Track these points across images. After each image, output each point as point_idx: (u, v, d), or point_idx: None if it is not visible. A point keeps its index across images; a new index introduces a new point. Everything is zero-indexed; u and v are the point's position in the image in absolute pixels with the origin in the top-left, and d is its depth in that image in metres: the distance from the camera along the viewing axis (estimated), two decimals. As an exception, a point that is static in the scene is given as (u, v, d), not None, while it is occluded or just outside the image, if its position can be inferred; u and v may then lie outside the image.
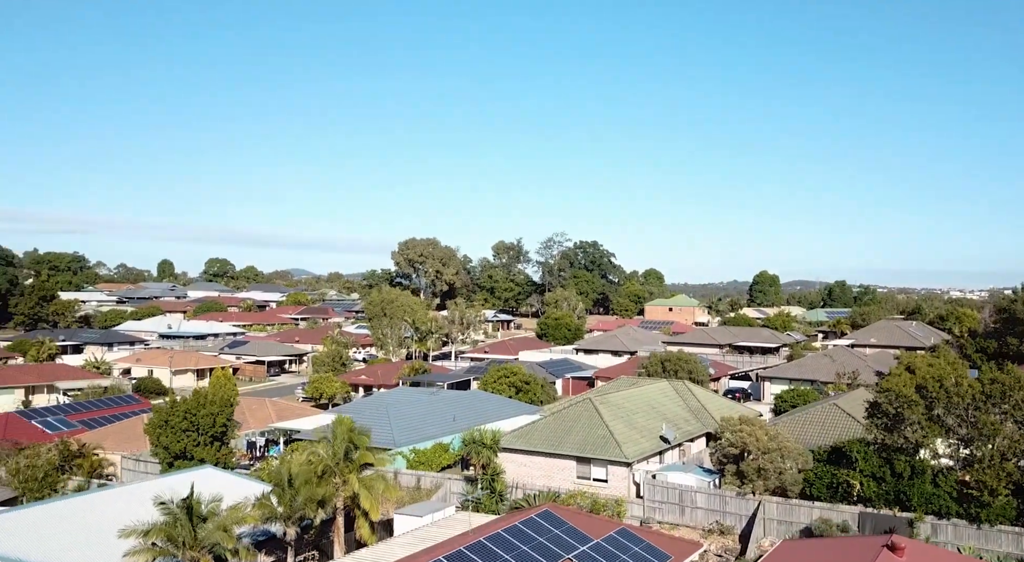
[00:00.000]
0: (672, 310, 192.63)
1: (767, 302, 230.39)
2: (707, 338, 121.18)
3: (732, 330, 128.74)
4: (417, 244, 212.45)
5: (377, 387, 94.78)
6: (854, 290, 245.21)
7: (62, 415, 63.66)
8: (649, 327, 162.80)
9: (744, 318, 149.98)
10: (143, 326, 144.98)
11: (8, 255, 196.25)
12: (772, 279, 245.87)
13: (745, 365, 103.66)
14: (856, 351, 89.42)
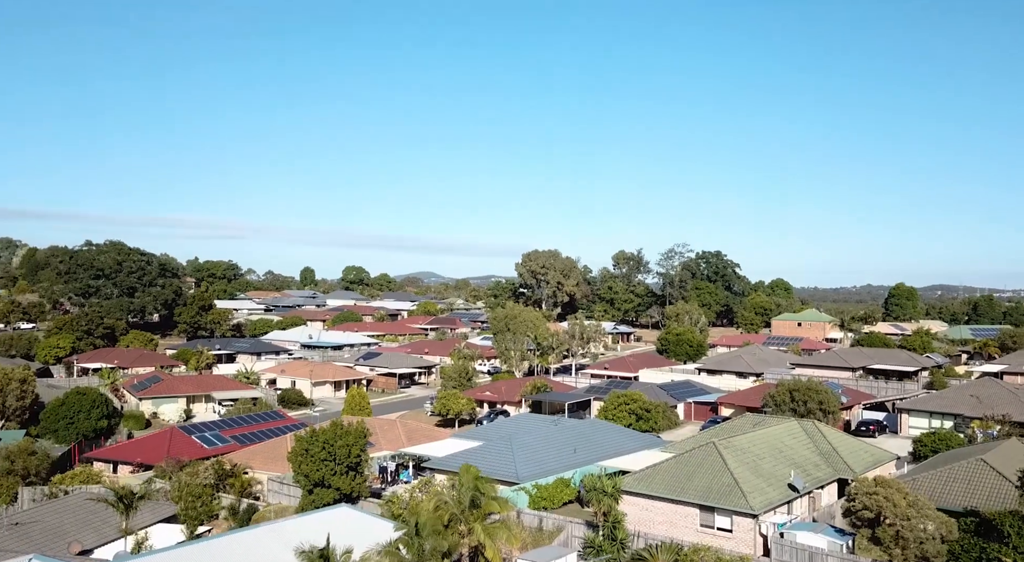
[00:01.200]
0: (801, 325, 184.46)
1: (904, 316, 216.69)
2: (838, 360, 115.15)
3: (866, 351, 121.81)
4: (539, 256, 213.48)
5: (501, 404, 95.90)
6: (1004, 304, 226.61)
7: (217, 430, 67.87)
8: (776, 343, 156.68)
9: (879, 336, 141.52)
10: (287, 336, 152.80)
11: (175, 266, 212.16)
12: (909, 292, 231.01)
13: (880, 391, 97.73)
14: (1006, 383, 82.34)
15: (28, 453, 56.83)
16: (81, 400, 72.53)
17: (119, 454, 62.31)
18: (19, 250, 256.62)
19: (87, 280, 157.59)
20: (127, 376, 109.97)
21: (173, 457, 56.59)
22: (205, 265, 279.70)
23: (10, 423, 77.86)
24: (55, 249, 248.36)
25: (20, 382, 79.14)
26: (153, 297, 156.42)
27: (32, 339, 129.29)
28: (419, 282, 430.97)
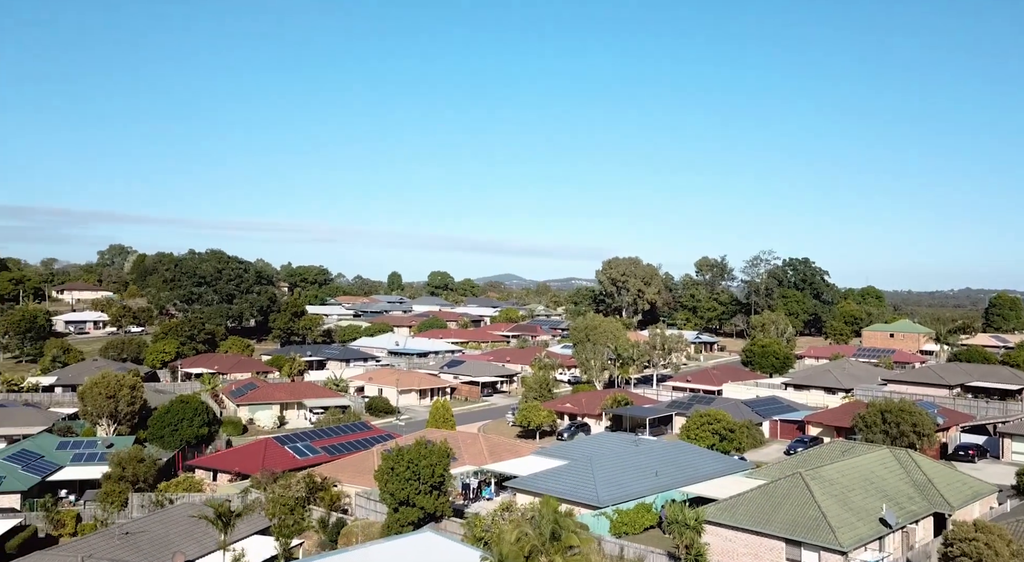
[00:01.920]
0: (893, 336, 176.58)
1: (1007, 327, 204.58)
2: (933, 377, 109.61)
3: (964, 367, 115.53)
4: (620, 263, 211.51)
5: (581, 416, 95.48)
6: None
7: (308, 441, 70.00)
8: (866, 355, 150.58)
9: (979, 350, 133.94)
10: (375, 342, 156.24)
11: (270, 273, 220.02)
12: (1012, 302, 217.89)
13: (980, 412, 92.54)
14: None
15: (137, 460, 59.97)
16: (184, 408, 76.03)
17: (218, 463, 65.01)
18: (130, 256, 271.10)
19: (190, 287, 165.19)
20: (226, 382, 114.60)
21: (268, 469, 58.60)
22: (298, 270, 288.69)
23: (121, 427, 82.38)
24: (162, 255, 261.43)
25: (130, 389, 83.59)
26: (250, 304, 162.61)
27: (141, 344, 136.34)
28: (500, 286, 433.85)
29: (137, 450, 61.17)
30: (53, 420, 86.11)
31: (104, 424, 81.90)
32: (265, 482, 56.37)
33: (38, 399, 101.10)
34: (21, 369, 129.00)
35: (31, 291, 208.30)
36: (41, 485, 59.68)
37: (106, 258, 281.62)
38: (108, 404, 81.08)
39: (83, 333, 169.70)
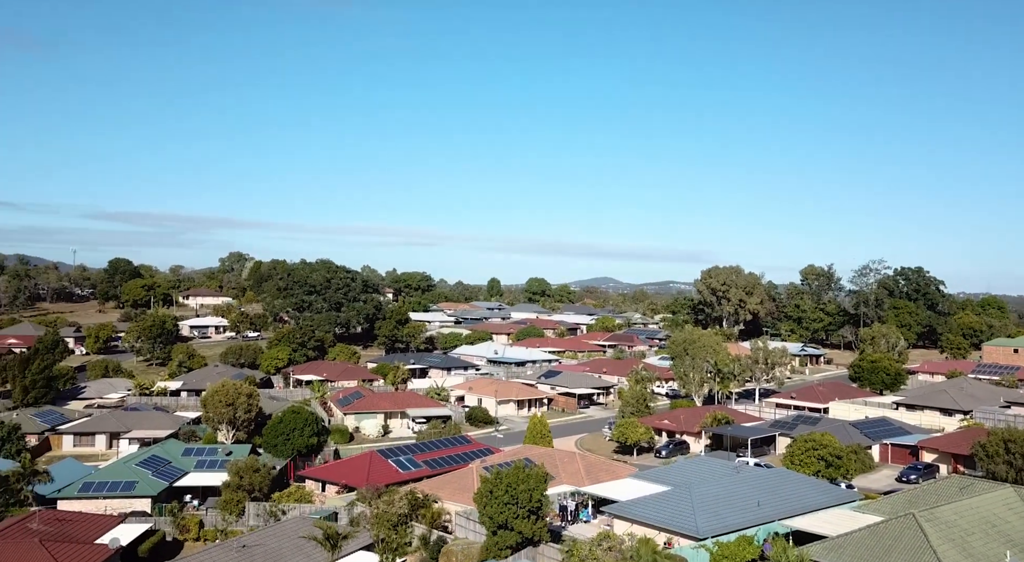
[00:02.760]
0: (1018, 352, 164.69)
1: None
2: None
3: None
4: (720, 272, 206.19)
5: (680, 433, 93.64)
6: None
7: (410, 455, 71.56)
8: (987, 372, 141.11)
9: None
10: (475, 351, 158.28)
11: (376, 281, 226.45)
12: None
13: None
14: None
15: (253, 470, 62.88)
16: (296, 418, 79.20)
17: (327, 474, 67.37)
18: (247, 263, 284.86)
19: (301, 295, 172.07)
20: (334, 389, 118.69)
21: (372, 484, 60.20)
22: (402, 277, 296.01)
23: (239, 433, 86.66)
24: (276, 263, 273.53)
25: (247, 397, 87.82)
26: (357, 312, 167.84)
27: (257, 350, 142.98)
28: (597, 291, 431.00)
29: (252, 461, 64.08)
30: (179, 424, 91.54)
31: (224, 430, 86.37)
32: (369, 497, 57.90)
33: (166, 403, 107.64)
34: (151, 372, 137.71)
35: (161, 297, 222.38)
36: (169, 490, 63.47)
37: (226, 265, 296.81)
38: (227, 411, 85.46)
39: (205, 338, 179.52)
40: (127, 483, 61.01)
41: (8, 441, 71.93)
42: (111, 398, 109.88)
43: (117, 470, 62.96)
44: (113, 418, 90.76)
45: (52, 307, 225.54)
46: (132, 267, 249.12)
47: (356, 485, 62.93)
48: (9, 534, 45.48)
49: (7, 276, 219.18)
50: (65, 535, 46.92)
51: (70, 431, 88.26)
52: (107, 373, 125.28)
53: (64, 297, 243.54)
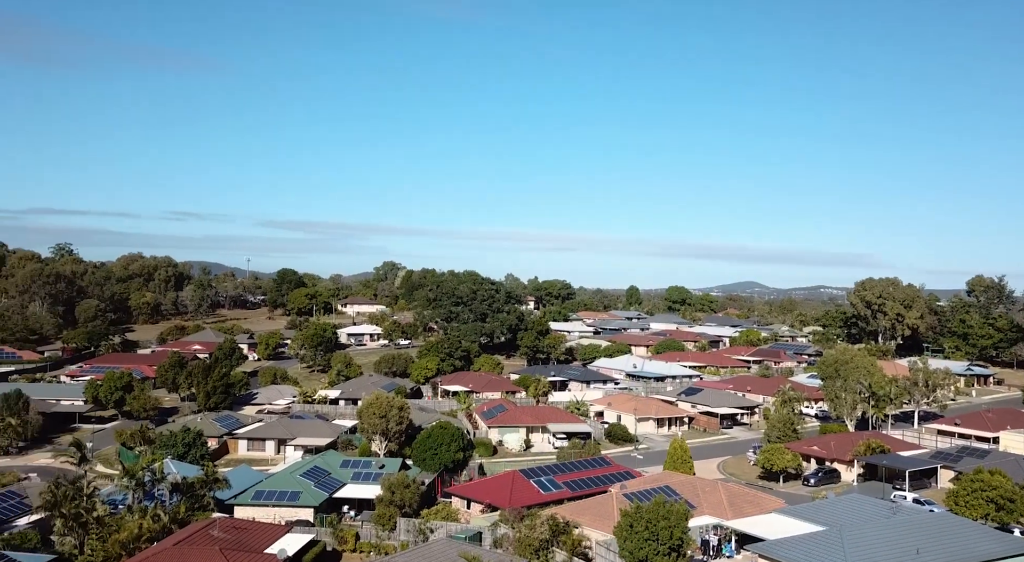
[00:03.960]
0: None
1: None
2: None
3: None
4: (876, 284, 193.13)
5: (830, 461, 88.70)
6: None
7: (551, 475, 72.15)
8: None
9: None
10: (613, 364, 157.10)
11: (519, 292, 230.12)
12: None
13: None
14: None
15: (404, 486, 65.69)
16: (443, 433, 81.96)
17: (472, 492, 69.20)
18: (400, 272, 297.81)
19: (449, 306, 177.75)
20: (479, 401, 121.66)
21: (515, 506, 61.28)
22: (543, 285, 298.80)
23: (391, 443, 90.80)
24: (426, 272, 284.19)
25: (399, 409, 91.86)
26: (500, 322, 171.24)
27: (407, 359, 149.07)
28: (741, 298, 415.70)
29: (403, 476, 66.90)
30: (338, 433, 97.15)
31: (377, 440, 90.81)
32: (512, 519, 58.99)
33: (326, 411, 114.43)
34: (313, 379, 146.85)
35: (322, 305, 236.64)
36: (328, 501, 67.50)
37: (380, 273, 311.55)
38: (380, 423, 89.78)
39: (361, 345, 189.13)
40: (292, 493, 65.47)
41: (193, 447, 79.14)
42: (279, 404, 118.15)
43: (284, 480, 67.69)
44: (280, 426, 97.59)
45: (229, 313, 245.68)
46: (297, 276, 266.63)
47: (500, 505, 64.30)
48: (195, 540, 49.97)
49: (192, 286, 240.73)
50: (241, 543, 50.98)
51: (244, 436, 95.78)
52: (275, 380, 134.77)
53: (239, 304, 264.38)
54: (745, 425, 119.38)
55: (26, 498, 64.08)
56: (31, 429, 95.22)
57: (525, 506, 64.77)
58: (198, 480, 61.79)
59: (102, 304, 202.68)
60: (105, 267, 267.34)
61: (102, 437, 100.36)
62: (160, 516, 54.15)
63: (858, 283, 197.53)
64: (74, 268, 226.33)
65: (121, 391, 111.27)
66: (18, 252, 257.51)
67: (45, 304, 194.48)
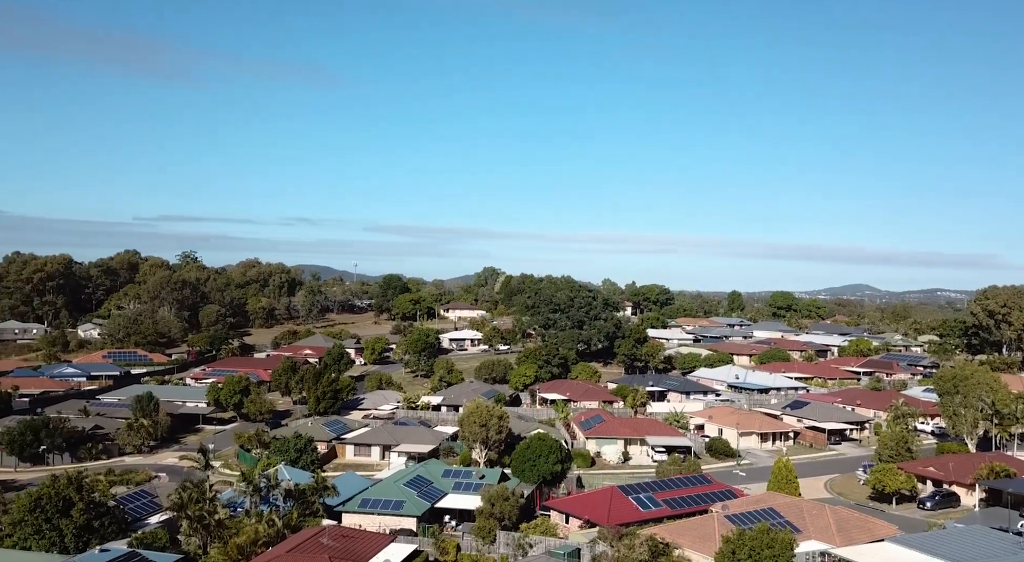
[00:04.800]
0: None
1: None
2: None
3: None
4: (1000, 292, 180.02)
5: (948, 484, 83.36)
6: None
7: (650, 492, 70.98)
8: None
9: None
10: (714, 374, 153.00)
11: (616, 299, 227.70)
12: None
13: None
14: None
15: (503, 498, 66.18)
16: (541, 445, 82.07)
17: (570, 507, 69.00)
18: (499, 277, 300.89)
19: (547, 313, 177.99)
20: (576, 410, 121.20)
21: (614, 523, 60.61)
22: (641, 290, 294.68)
23: (490, 452, 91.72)
24: (525, 277, 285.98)
25: (498, 418, 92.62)
26: (597, 330, 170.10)
27: (506, 366, 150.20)
28: (850, 303, 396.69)
29: (503, 489, 67.38)
30: (440, 440, 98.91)
31: (478, 448, 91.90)
32: (611, 537, 58.35)
33: (428, 417, 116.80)
34: (416, 384, 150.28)
35: (425, 310, 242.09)
36: (431, 511, 68.81)
37: (480, 278, 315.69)
38: (481, 432, 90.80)
39: (462, 350, 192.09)
40: (397, 502, 67.15)
41: (304, 452, 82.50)
42: (384, 409, 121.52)
43: (388, 489, 69.51)
44: (385, 432, 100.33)
45: (338, 318, 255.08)
46: (402, 282, 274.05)
47: (598, 521, 63.79)
48: (305, 548, 52.02)
49: (304, 292, 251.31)
50: (348, 552, 52.67)
51: (351, 441, 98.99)
52: (380, 385, 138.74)
53: (347, 308, 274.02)
54: (854, 441, 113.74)
55: (156, 497, 68.55)
56: (160, 429, 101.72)
57: (623, 523, 64.00)
58: (309, 487, 64.30)
59: (222, 309, 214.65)
60: (225, 273, 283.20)
61: (222, 438, 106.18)
62: (275, 521, 56.68)
63: (980, 292, 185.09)
64: (198, 275, 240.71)
65: (239, 395, 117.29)
66: (150, 260, 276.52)
67: (173, 309, 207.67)
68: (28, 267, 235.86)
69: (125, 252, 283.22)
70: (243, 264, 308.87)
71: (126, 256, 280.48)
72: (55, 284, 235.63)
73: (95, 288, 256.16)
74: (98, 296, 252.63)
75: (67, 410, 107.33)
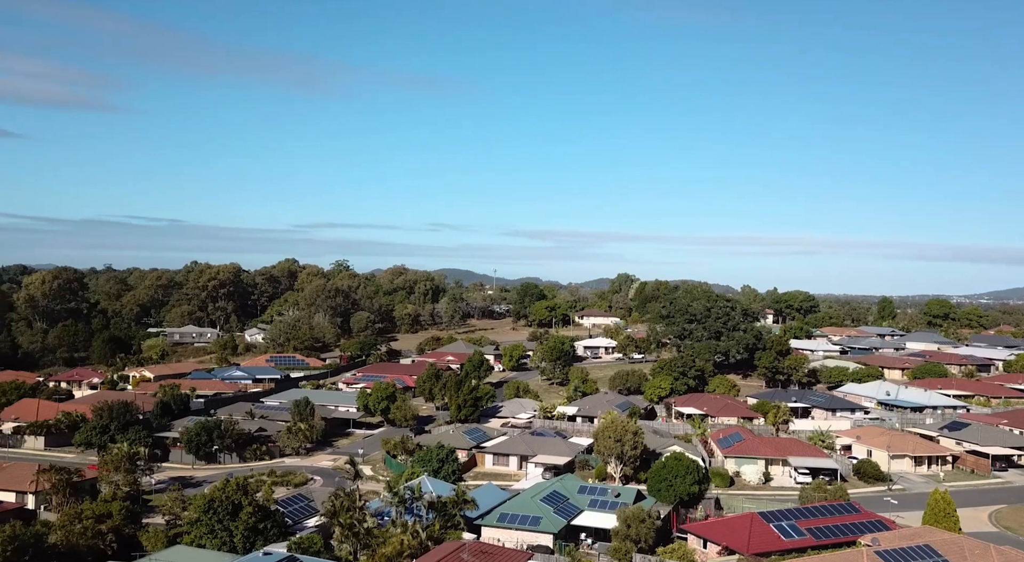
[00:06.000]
0: None
1: None
2: None
3: None
4: None
5: None
6: None
7: (792, 520, 67.37)
8: None
9: None
10: (862, 390, 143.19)
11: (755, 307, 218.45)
12: None
13: None
14: None
15: (640, 520, 65.17)
16: (677, 465, 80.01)
17: (708, 532, 66.76)
18: (633, 284, 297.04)
19: (682, 324, 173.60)
20: (714, 426, 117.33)
21: (753, 552, 58.21)
22: (783, 297, 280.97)
23: (626, 467, 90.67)
24: (659, 284, 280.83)
25: (633, 434, 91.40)
26: (736, 341, 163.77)
27: (641, 376, 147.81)
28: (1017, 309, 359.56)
29: (639, 510, 66.34)
30: (575, 452, 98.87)
31: (613, 463, 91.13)
32: (751, 568, 56.12)
33: (564, 427, 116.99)
34: (552, 391, 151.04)
35: (560, 317, 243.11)
36: (567, 527, 68.83)
37: (615, 285, 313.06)
38: (616, 447, 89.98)
39: (596, 358, 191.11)
40: (534, 518, 67.69)
41: (446, 463, 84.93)
42: (521, 418, 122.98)
43: (525, 504, 70.19)
44: (523, 442, 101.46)
45: (478, 324, 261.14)
46: (538, 289, 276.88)
47: (737, 549, 61.49)
48: (448, 562, 53.52)
49: (447, 299, 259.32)
50: (487, 569, 53.73)
51: (491, 450, 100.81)
52: (518, 393, 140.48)
53: (487, 314, 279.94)
54: (1023, 468, 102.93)
55: (312, 501, 72.83)
56: (316, 433, 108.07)
57: (764, 552, 61.44)
58: (450, 500, 66.15)
59: (371, 315, 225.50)
60: (374, 280, 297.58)
61: (371, 443, 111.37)
62: (418, 533, 58.75)
63: None
64: (349, 282, 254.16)
65: (386, 401, 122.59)
66: (307, 268, 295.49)
67: (327, 315, 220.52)
68: (204, 276, 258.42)
69: (285, 260, 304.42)
70: (391, 271, 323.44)
71: (286, 264, 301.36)
72: (226, 291, 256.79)
73: (259, 294, 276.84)
74: (262, 302, 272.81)
75: (236, 412, 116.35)
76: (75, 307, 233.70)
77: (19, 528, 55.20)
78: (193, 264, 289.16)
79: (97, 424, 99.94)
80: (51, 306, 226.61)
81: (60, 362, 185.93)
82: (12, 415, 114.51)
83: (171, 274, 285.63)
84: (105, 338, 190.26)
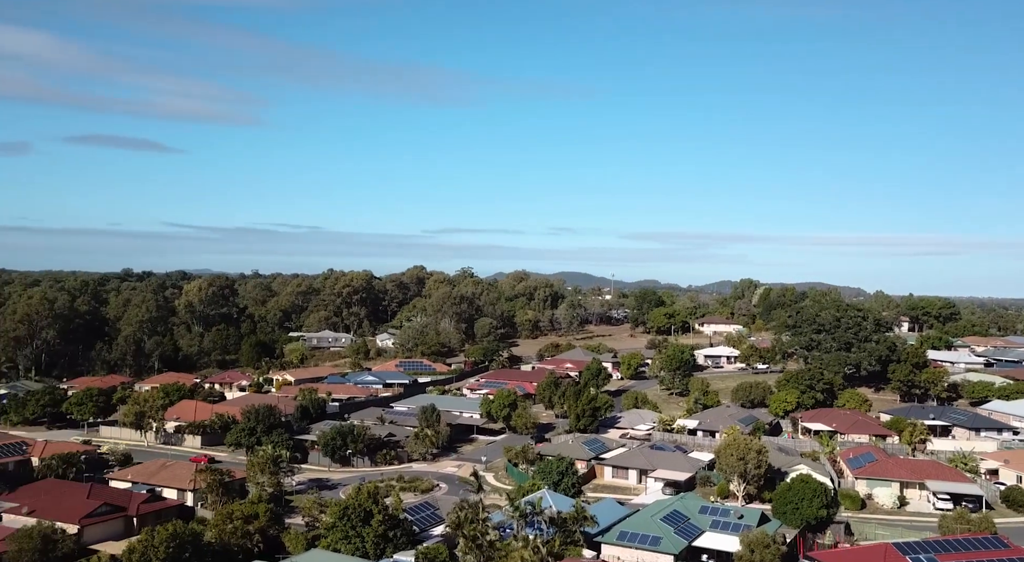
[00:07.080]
0: None
1: None
2: None
3: None
4: None
5: None
6: None
7: (932, 554, 62.70)
8: None
9: None
10: (1011, 408, 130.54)
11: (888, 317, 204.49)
12: None
13: None
14: None
15: (764, 545, 62.80)
16: (804, 488, 76.46)
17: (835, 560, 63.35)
18: (757, 290, 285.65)
19: (810, 334, 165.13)
20: (843, 444, 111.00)
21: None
22: (919, 303, 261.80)
23: (749, 487, 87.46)
24: (785, 289, 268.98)
25: (757, 453, 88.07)
26: (868, 353, 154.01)
27: (765, 389, 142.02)
28: None
29: (762, 535, 63.90)
30: (696, 467, 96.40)
31: (735, 481, 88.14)
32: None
33: (684, 441, 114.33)
34: (671, 402, 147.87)
35: (680, 324, 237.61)
36: (688, 549, 67.28)
37: (737, 291, 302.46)
38: (739, 465, 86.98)
39: (718, 367, 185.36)
40: (654, 538, 66.62)
41: (566, 475, 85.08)
42: (640, 429, 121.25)
43: (645, 523, 69.20)
44: (642, 455, 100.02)
45: (596, 330, 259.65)
46: (656, 296, 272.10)
47: (869, 583, 57.91)
48: (568, 580, 53.61)
49: (565, 305, 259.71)
50: (607, 590, 53.40)
51: (609, 463, 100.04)
52: (636, 403, 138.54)
53: (604, 320, 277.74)
54: None
55: (437, 510, 75.07)
56: (441, 439, 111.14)
57: (900, 589, 57.57)
58: (570, 516, 66.23)
59: (494, 321, 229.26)
60: (496, 286, 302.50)
61: (493, 449, 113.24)
62: (539, 549, 59.16)
63: None
64: (473, 289, 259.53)
65: (508, 409, 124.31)
66: (434, 275, 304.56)
67: (452, 321, 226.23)
68: (339, 282, 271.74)
69: (414, 267, 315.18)
70: (512, 276, 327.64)
71: (415, 271, 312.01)
72: (359, 297, 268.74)
73: (390, 300, 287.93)
74: (392, 308, 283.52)
75: (368, 417, 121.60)
76: (227, 312, 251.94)
77: (179, 526, 60.20)
78: (329, 271, 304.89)
79: (245, 426, 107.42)
80: (206, 311, 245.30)
81: (214, 364, 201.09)
82: (174, 415, 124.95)
83: (310, 280, 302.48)
84: (252, 342, 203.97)
